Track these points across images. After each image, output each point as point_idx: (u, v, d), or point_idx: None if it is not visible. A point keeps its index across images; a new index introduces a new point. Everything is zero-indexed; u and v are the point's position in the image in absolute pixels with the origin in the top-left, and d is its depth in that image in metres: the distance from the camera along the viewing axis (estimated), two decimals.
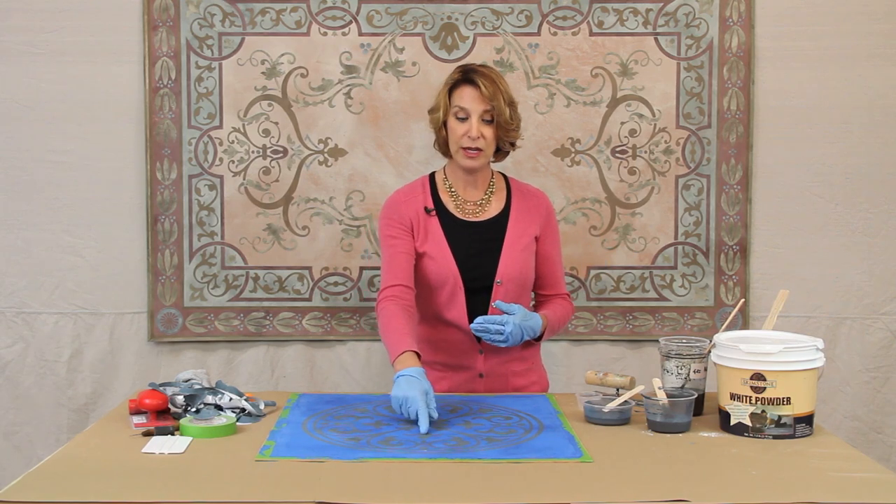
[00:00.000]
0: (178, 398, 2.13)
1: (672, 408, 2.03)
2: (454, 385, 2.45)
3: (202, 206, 3.04)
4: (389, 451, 1.89)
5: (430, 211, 2.47)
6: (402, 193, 2.53)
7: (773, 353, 2.00)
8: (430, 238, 2.45)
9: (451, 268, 2.43)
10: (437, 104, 2.46)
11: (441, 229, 2.46)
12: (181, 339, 3.07)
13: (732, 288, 3.07)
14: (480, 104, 2.39)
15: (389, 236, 2.46)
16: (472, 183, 2.50)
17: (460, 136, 2.40)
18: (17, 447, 3.06)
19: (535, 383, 2.53)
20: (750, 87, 3.02)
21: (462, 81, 2.41)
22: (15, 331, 3.05)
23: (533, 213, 2.52)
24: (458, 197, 2.50)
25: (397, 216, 2.47)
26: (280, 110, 3.03)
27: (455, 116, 2.40)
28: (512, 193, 2.53)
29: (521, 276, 2.47)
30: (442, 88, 2.46)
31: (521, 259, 2.47)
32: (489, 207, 2.50)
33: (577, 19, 3.02)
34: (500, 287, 2.44)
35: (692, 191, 3.06)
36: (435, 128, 2.47)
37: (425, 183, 2.53)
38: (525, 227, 2.49)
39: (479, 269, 2.44)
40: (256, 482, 1.72)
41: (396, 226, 2.46)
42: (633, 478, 1.76)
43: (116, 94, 3.01)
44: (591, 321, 3.08)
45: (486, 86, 2.38)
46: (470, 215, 2.49)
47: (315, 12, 3.02)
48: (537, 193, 2.58)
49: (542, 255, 2.53)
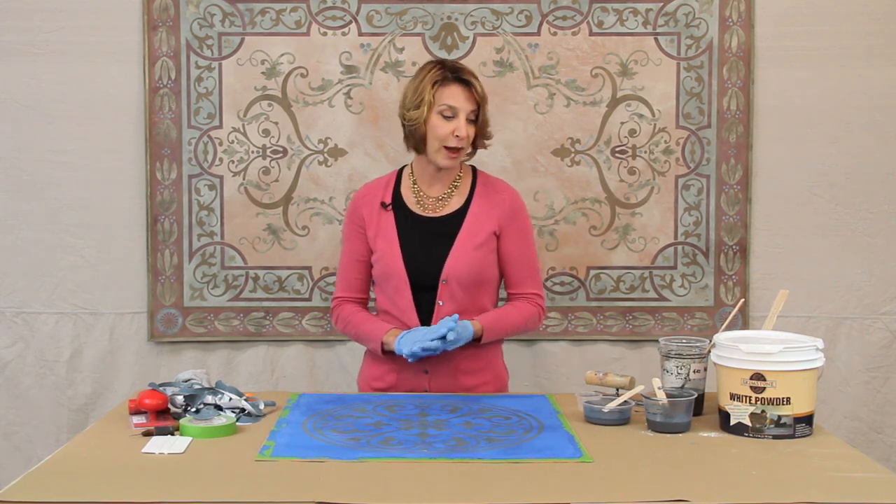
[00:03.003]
0: (178, 398, 2.13)
1: (672, 408, 2.03)
2: (400, 380, 2.44)
3: (202, 206, 3.04)
4: (389, 451, 1.89)
5: (387, 206, 2.47)
6: (366, 188, 2.56)
7: (773, 353, 2.00)
8: (382, 234, 2.46)
9: (397, 264, 2.42)
10: (420, 99, 2.38)
11: (394, 225, 2.46)
12: (181, 339, 3.07)
13: (732, 288, 3.07)
14: (469, 103, 2.39)
15: (346, 237, 2.54)
16: (439, 179, 2.48)
17: (446, 134, 2.37)
18: (17, 447, 3.06)
19: (488, 383, 2.48)
20: (750, 87, 3.02)
21: (450, 80, 2.39)
22: (15, 331, 3.05)
23: (493, 210, 2.47)
24: (420, 192, 2.49)
25: (356, 216, 2.51)
26: (280, 110, 3.03)
27: (441, 114, 2.38)
28: (476, 189, 2.50)
29: (470, 276, 2.42)
30: (423, 84, 2.39)
31: (473, 257, 2.42)
32: (449, 202, 2.48)
33: (577, 19, 3.02)
34: (446, 286, 2.41)
35: (692, 191, 3.06)
36: (414, 124, 2.40)
37: (392, 177, 2.54)
38: (482, 223, 2.45)
39: (426, 266, 2.42)
40: (256, 482, 1.72)
41: (352, 226, 2.51)
42: (633, 478, 1.76)
43: (116, 94, 3.01)
44: (591, 321, 3.08)
45: (477, 85, 2.39)
46: (429, 211, 2.47)
47: (315, 12, 3.02)
48: (504, 189, 2.53)
49: (503, 252, 2.48)
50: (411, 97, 2.42)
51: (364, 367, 2.58)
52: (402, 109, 2.45)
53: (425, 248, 2.44)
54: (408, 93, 2.44)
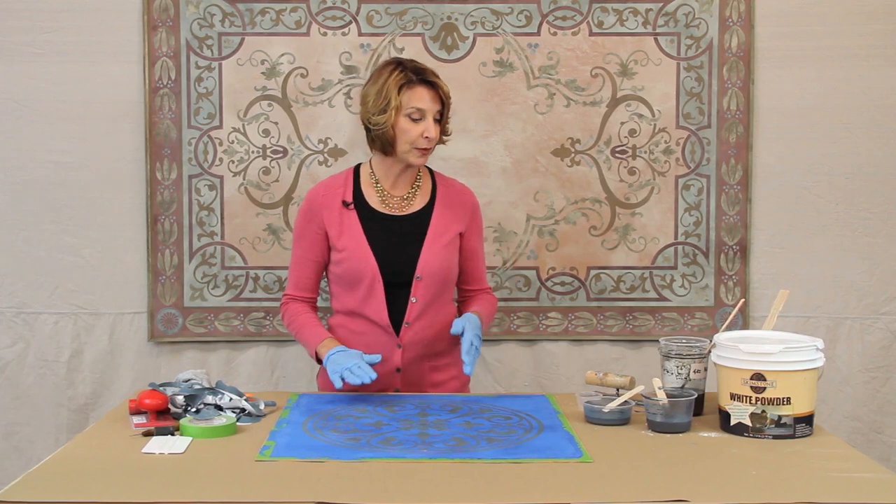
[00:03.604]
0: (178, 398, 2.14)
1: (672, 408, 2.03)
2: None
3: (202, 206, 3.04)
4: (389, 451, 1.89)
5: (349, 205, 2.47)
6: (323, 186, 2.53)
7: (773, 353, 2.00)
8: (347, 232, 2.45)
9: (370, 262, 2.42)
10: (387, 103, 2.36)
11: (359, 223, 2.45)
12: (181, 339, 3.07)
13: (732, 288, 3.07)
14: (436, 104, 2.40)
15: (300, 236, 2.51)
16: (401, 179, 2.49)
17: (416, 136, 2.38)
18: (17, 447, 3.06)
19: (456, 378, 2.51)
20: (750, 87, 3.02)
21: (416, 82, 2.38)
22: (15, 331, 3.05)
23: (458, 210, 2.51)
24: (384, 192, 2.49)
25: (314, 216, 2.48)
26: (280, 110, 3.03)
27: (409, 117, 2.38)
28: (437, 188, 2.52)
29: (442, 272, 2.46)
30: (387, 87, 2.37)
31: (443, 255, 2.46)
32: (414, 202, 2.50)
33: (577, 19, 3.02)
34: (420, 282, 2.43)
35: (692, 191, 3.06)
36: (381, 128, 2.38)
37: (349, 176, 2.52)
38: (449, 222, 2.49)
39: (399, 263, 2.43)
40: (256, 482, 1.72)
41: (309, 225, 2.48)
42: (633, 478, 1.76)
43: (116, 94, 3.01)
44: (591, 321, 3.08)
45: (442, 86, 2.41)
46: (395, 209, 2.48)
47: (315, 12, 3.02)
48: (463, 189, 2.58)
49: (467, 250, 2.53)
50: (375, 100, 2.39)
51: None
52: (365, 113, 2.43)
53: (396, 246, 2.45)
54: (369, 96, 2.41)
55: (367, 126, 2.44)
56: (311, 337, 2.45)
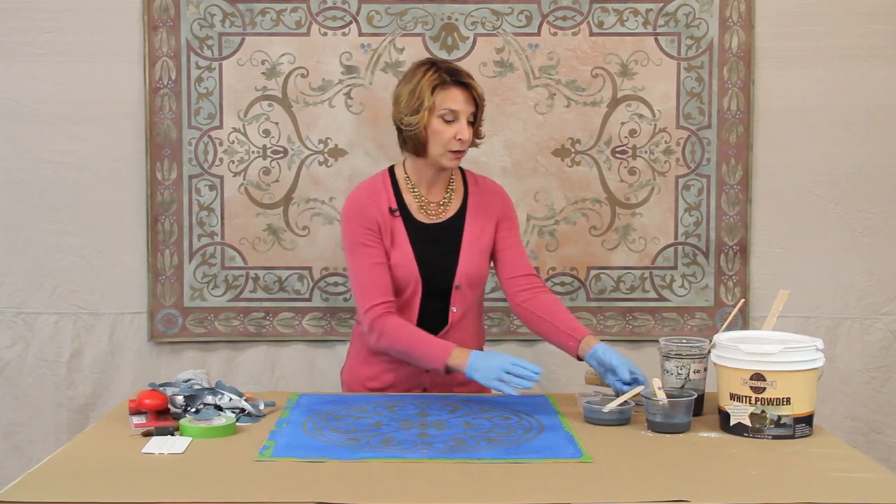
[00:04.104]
0: (178, 398, 2.13)
1: (672, 408, 2.03)
2: (400, 378, 2.43)
3: (202, 207, 3.04)
4: (389, 451, 1.89)
5: (395, 212, 2.40)
6: (365, 191, 2.44)
7: (773, 354, 2.00)
8: (396, 242, 2.39)
9: (414, 273, 2.38)
10: (420, 104, 2.32)
11: (405, 232, 2.40)
12: (181, 339, 3.07)
13: (732, 288, 3.07)
14: (469, 106, 2.34)
15: (362, 244, 2.38)
16: (436, 182, 2.44)
17: (449, 138, 2.32)
18: (17, 447, 3.06)
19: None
20: (750, 88, 3.02)
21: (450, 83, 2.33)
22: (15, 331, 3.05)
23: (489, 211, 2.47)
24: (421, 197, 2.44)
25: (365, 220, 2.39)
26: (280, 110, 3.03)
27: (442, 118, 2.32)
28: (469, 191, 2.48)
29: (477, 278, 2.44)
30: (420, 88, 2.32)
31: (477, 261, 2.43)
32: (449, 207, 2.46)
33: (577, 19, 3.02)
34: (459, 291, 2.42)
35: (692, 191, 3.06)
36: (414, 129, 2.33)
37: (385, 180, 2.45)
38: (482, 226, 2.45)
39: (438, 273, 2.40)
40: (256, 482, 1.72)
41: (367, 231, 2.38)
42: (632, 478, 1.76)
43: (116, 94, 3.01)
44: (591, 321, 3.08)
45: (476, 88, 2.35)
46: (432, 217, 2.44)
47: (315, 12, 3.02)
48: (493, 188, 2.52)
49: (503, 242, 2.46)
50: (408, 101, 2.34)
51: (353, 365, 2.54)
52: (397, 114, 2.38)
53: (436, 256, 2.41)
54: (402, 96, 2.36)
55: (399, 127, 2.38)
56: (432, 348, 2.28)
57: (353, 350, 2.56)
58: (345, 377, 2.57)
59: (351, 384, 2.53)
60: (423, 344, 2.29)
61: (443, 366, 2.25)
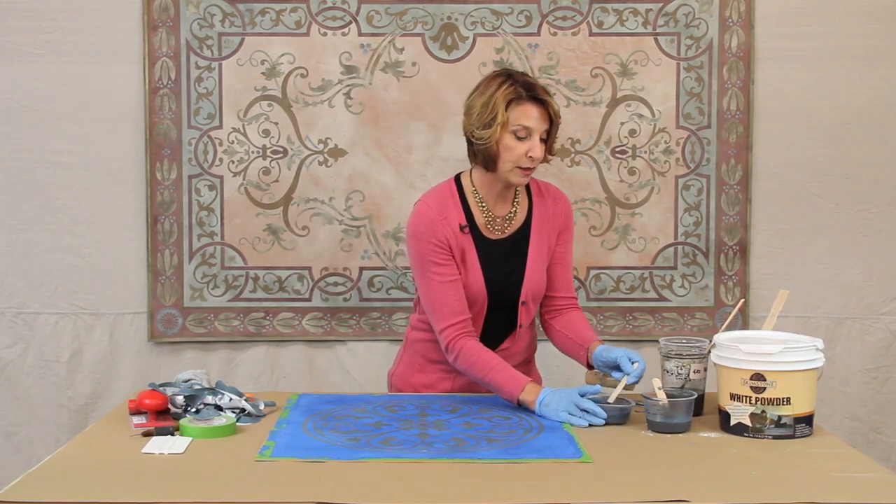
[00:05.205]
0: (178, 398, 2.13)
1: (672, 408, 2.03)
2: (458, 385, 2.43)
3: (202, 207, 3.04)
4: (389, 451, 1.89)
5: (465, 229, 2.32)
6: (435, 207, 2.33)
7: (773, 354, 2.00)
8: (466, 259, 2.33)
9: (482, 291, 2.33)
10: (492, 118, 2.22)
11: (474, 249, 2.33)
12: (181, 339, 3.07)
13: (732, 288, 3.07)
14: (543, 123, 2.25)
15: (433, 262, 2.29)
16: (503, 196, 2.36)
17: (520, 155, 2.23)
18: (17, 447, 3.06)
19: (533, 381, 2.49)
20: (750, 87, 3.02)
21: (525, 99, 2.23)
22: (15, 331, 3.05)
23: (553, 224, 2.41)
24: (488, 212, 2.35)
25: (435, 238, 2.29)
26: (280, 110, 3.03)
27: (514, 134, 2.23)
28: (533, 202, 2.41)
29: (540, 292, 2.41)
30: (494, 100, 2.22)
31: (541, 276, 2.40)
32: (513, 221, 2.38)
33: (577, 19, 3.02)
34: (524, 307, 2.38)
35: (692, 191, 3.06)
36: (485, 143, 2.24)
37: (454, 193, 2.36)
38: (545, 239, 2.40)
39: (504, 290, 2.36)
40: (256, 482, 1.72)
41: (437, 249, 2.29)
42: (633, 478, 1.76)
43: (116, 94, 3.01)
44: (591, 321, 3.07)
45: (552, 104, 2.25)
46: (498, 232, 2.37)
47: (315, 12, 3.02)
48: (557, 197, 2.45)
49: (557, 258, 2.43)
50: (480, 113, 2.24)
51: (406, 371, 2.49)
52: (468, 125, 2.29)
53: (503, 273, 2.36)
54: (475, 108, 2.26)
55: (470, 139, 2.30)
56: (508, 381, 2.23)
57: (407, 356, 2.51)
58: (395, 380, 2.53)
59: (403, 389, 2.49)
60: (500, 375, 2.25)
61: (515, 400, 2.22)
